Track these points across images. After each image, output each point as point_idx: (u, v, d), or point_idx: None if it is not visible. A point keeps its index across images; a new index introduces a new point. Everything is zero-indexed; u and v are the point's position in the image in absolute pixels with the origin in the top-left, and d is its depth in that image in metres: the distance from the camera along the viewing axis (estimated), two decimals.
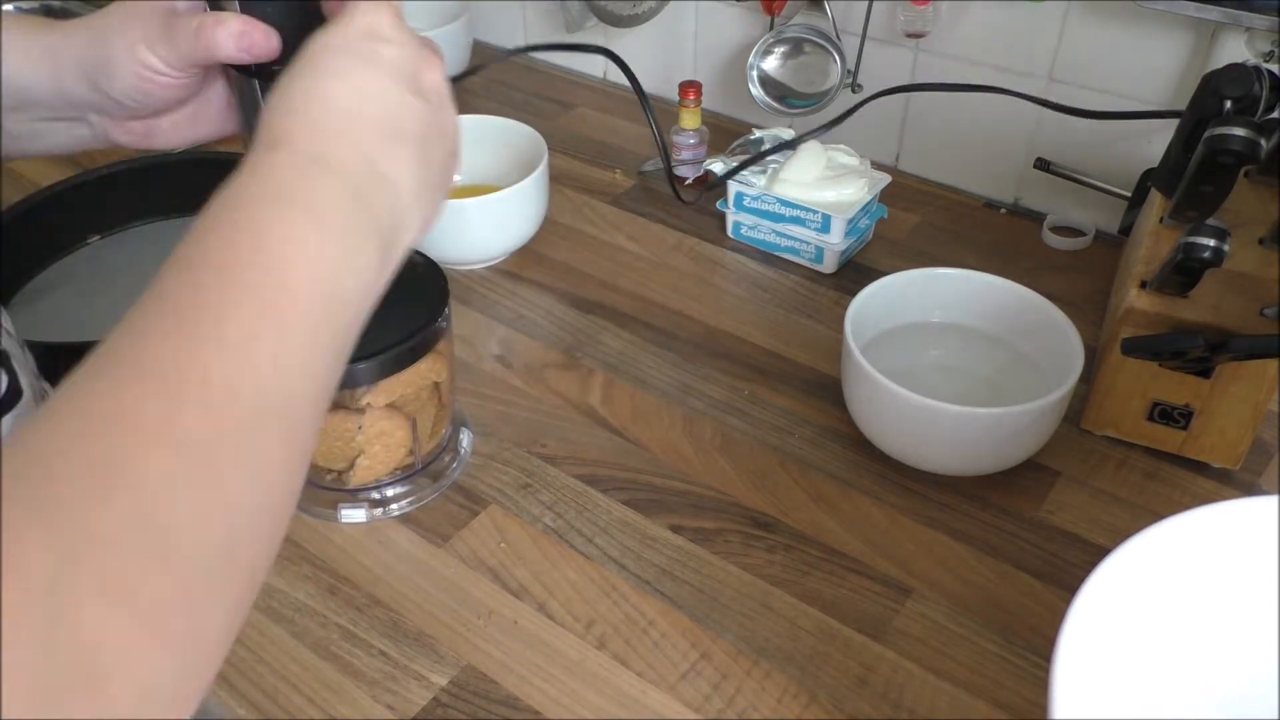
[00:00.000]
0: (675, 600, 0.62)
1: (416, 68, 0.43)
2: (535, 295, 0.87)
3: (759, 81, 0.98)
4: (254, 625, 0.61)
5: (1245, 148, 0.58)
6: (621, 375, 0.78)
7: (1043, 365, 0.71)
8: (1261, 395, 0.65)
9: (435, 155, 0.43)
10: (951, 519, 0.67)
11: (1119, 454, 0.71)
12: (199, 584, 0.30)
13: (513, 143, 0.92)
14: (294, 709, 0.57)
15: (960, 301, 0.74)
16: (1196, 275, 0.62)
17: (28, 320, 0.81)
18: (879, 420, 0.68)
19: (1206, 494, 0.68)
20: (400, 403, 0.64)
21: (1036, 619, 0.61)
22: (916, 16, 0.89)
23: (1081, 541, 0.65)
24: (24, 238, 0.84)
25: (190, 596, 0.29)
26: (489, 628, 0.61)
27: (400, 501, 0.68)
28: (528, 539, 0.66)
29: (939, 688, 0.57)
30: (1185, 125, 0.69)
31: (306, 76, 0.40)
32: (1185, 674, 0.46)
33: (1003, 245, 0.91)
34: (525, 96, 1.16)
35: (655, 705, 0.57)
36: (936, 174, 0.99)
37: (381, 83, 0.41)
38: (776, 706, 0.57)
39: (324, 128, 0.39)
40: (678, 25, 1.08)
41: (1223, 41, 0.78)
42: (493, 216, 0.87)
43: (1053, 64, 0.88)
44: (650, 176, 1.01)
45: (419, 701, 0.57)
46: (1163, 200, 0.72)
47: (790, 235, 0.88)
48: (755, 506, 0.68)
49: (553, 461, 0.71)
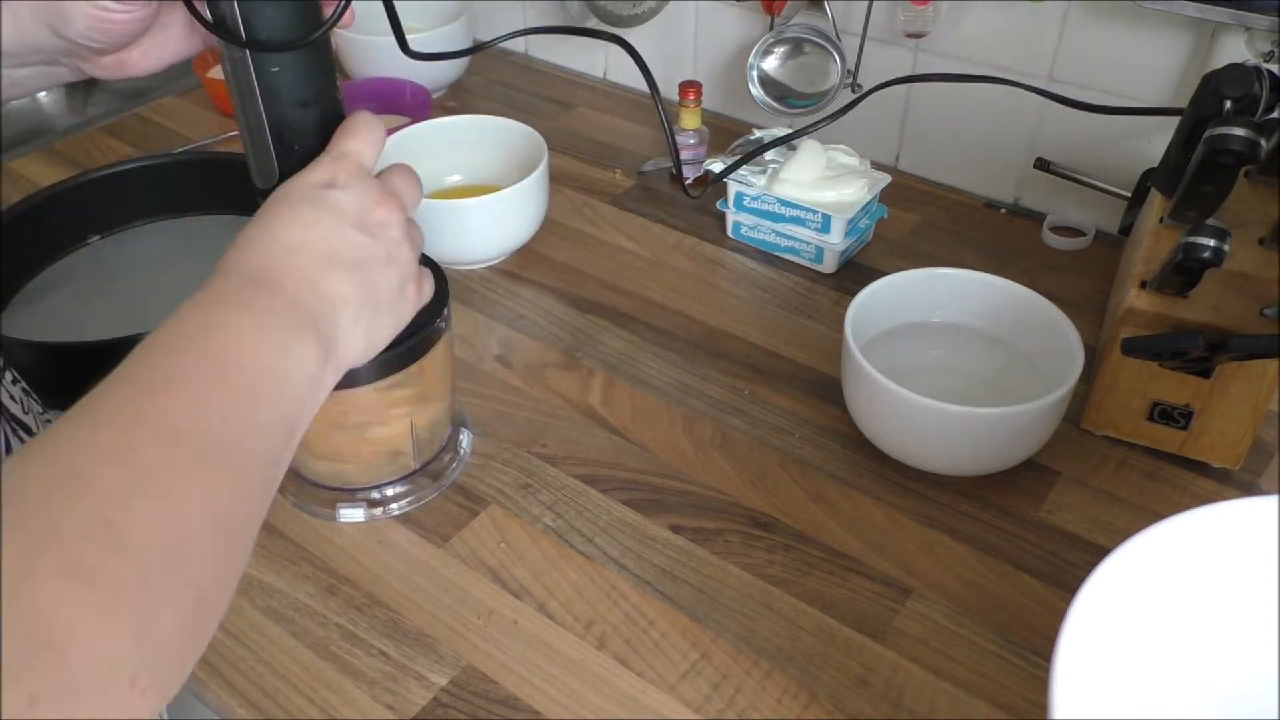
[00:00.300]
0: (675, 600, 0.62)
1: (364, 208, 0.49)
2: (535, 295, 0.87)
3: (759, 81, 0.98)
4: (254, 625, 0.61)
5: (1245, 148, 0.58)
6: (621, 375, 0.78)
7: (1043, 365, 0.71)
8: (1261, 395, 0.65)
9: (380, 280, 0.49)
10: (951, 519, 0.67)
11: (1119, 454, 0.71)
12: (153, 577, 0.33)
13: (513, 143, 0.92)
14: (294, 709, 0.57)
15: (960, 301, 0.74)
16: (1196, 275, 0.62)
17: (28, 320, 0.81)
18: (879, 420, 0.68)
19: (1206, 494, 0.68)
20: (399, 402, 0.64)
21: (1036, 619, 0.61)
22: (916, 16, 0.89)
23: (1081, 541, 0.65)
24: (24, 238, 0.84)
25: (145, 586, 0.33)
26: (489, 628, 0.61)
27: (399, 501, 0.68)
28: (528, 539, 0.66)
29: (939, 688, 0.57)
30: (1185, 125, 0.69)
31: (260, 222, 0.47)
32: (1185, 674, 0.46)
33: (1003, 245, 0.91)
34: (525, 96, 1.16)
35: (655, 705, 0.57)
36: (936, 174, 0.99)
37: (325, 220, 0.47)
38: (776, 706, 0.57)
39: (268, 256, 0.45)
40: (678, 25, 1.08)
41: (1223, 41, 0.78)
42: (493, 216, 0.86)
43: (1053, 64, 0.88)
44: (650, 176, 1.01)
45: (419, 701, 0.57)
46: (1163, 200, 0.72)
47: (790, 235, 0.88)
48: (755, 506, 0.68)
49: (553, 461, 0.71)
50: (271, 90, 0.52)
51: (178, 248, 0.89)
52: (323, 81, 0.54)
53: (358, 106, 1.21)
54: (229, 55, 0.51)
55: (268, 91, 0.52)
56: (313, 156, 0.54)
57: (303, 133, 0.54)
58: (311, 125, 0.54)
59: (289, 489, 0.69)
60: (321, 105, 0.54)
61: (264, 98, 0.52)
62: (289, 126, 0.53)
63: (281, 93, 0.52)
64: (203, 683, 0.59)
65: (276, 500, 0.69)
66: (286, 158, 0.54)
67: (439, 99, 1.15)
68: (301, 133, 0.54)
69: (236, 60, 0.51)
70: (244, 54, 0.51)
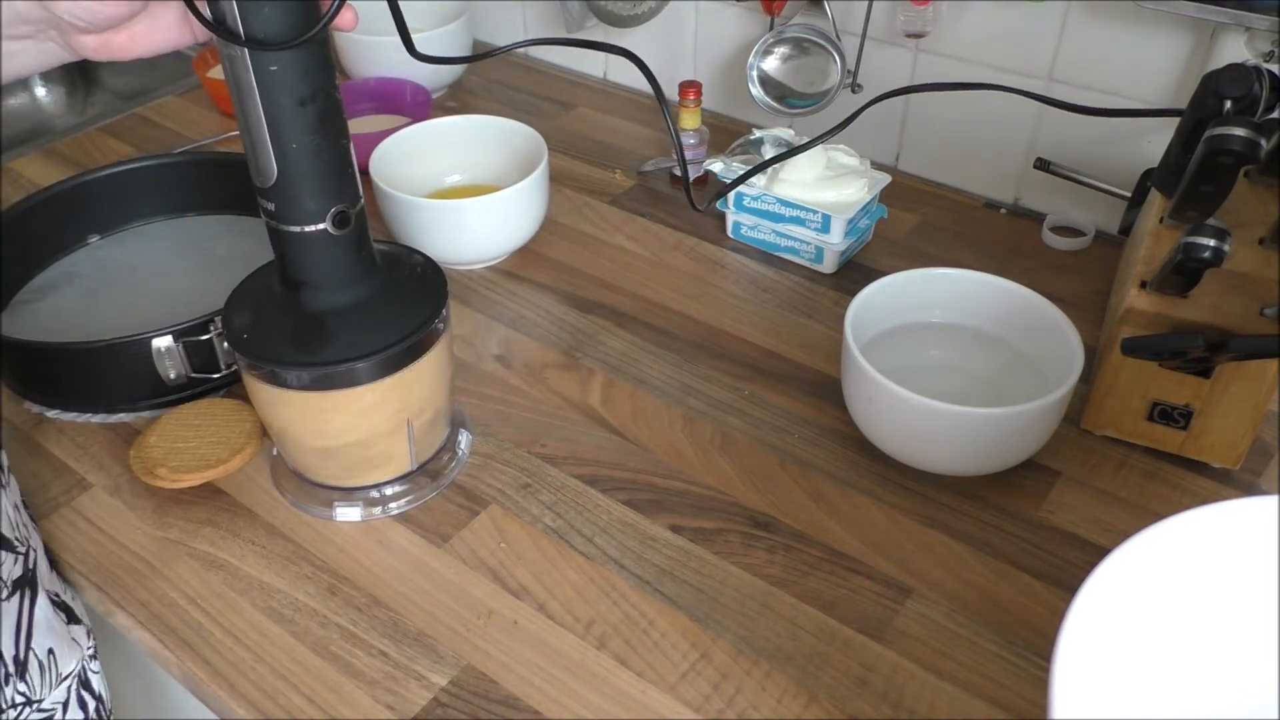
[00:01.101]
0: (675, 600, 0.62)
1: None
2: (535, 295, 0.87)
3: (759, 81, 0.98)
4: (254, 625, 0.61)
5: (1245, 148, 0.58)
6: (621, 375, 0.78)
7: (1043, 365, 0.71)
8: (1261, 395, 0.65)
9: None
10: (951, 519, 0.67)
11: (1119, 454, 0.71)
12: None
13: (513, 143, 0.92)
14: (294, 709, 0.57)
15: (960, 301, 0.74)
16: (1196, 275, 0.62)
17: (28, 320, 0.81)
18: (879, 420, 0.68)
19: (1206, 494, 0.68)
20: (396, 401, 0.64)
21: (1036, 619, 0.61)
22: (916, 16, 0.89)
23: (1081, 541, 0.65)
24: (24, 238, 0.84)
25: None
26: (489, 628, 0.61)
27: (397, 501, 0.68)
28: (528, 539, 0.66)
29: (939, 688, 0.57)
30: (1185, 125, 0.69)
31: None
32: (1185, 674, 0.46)
33: (1003, 245, 0.91)
34: (525, 96, 1.16)
35: (655, 705, 0.57)
36: (936, 174, 0.99)
37: None
38: (776, 706, 0.57)
39: None
40: (678, 25, 1.08)
41: (1223, 41, 0.78)
42: (493, 216, 0.86)
43: (1053, 64, 0.88)
44: (650, 176, 1.01)
45: (419, 701, 0.57)
46: (1163, 200, 0.72)
47: (790, 235, 0.88)
48: (755, 506, 0.68)
49: (553, 461, 0.71)
50: (269, 88, 0.52)
51: (178, 248, 0.89)
52: (321, 78, 0.54)
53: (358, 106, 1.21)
54: (227, 53, 0.51)
55: (265, 89, 0.52)
56: (312, 155, 0.54)
57: (301, 131, 0.54)
58: (310, 123, 0.54)
59: (287, 487, 0.69)
60: (320, 103, 0.54)
61: (262, 96, 0.52)
62: (287, 124, 0.53)
63: (279, 91, 0.52)
64: (203, 683, 0.59)
65: (275, 499, 0.69)
66: (284, 156, 0.54)
67: (439, 99, 1.15)
68: (300, 131, 0.54)
69: (236, 59, 0.51)
70: (243, 52, 0.51)
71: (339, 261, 0.60)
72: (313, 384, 0.60)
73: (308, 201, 0.57)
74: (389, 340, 0.61)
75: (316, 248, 0.59)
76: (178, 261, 0.88)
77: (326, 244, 0.59)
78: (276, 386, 0.61)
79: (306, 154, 0.55)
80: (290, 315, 0.61)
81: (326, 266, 0.60)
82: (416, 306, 0.64)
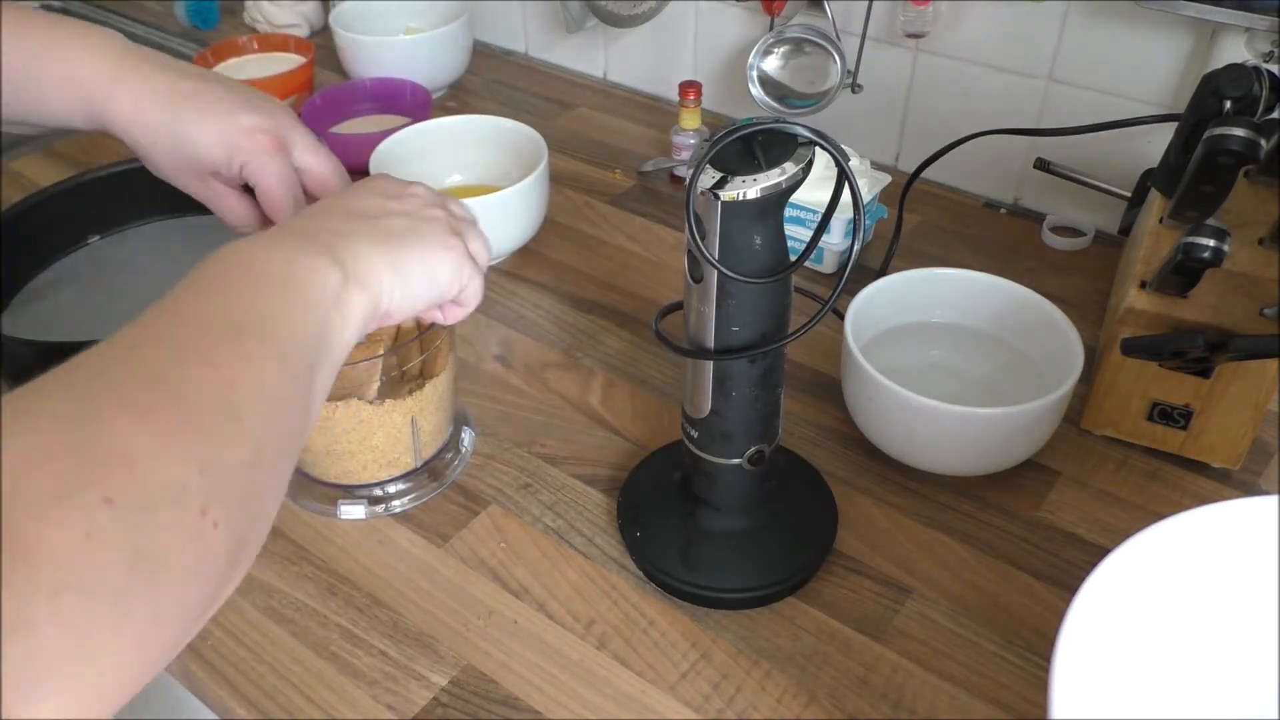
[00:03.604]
0: (675, 600, 0.62)
1: (401, 190, 0.55)
2: (535, 295, 0.87)
3: (759, 81, 0.98)
4: (254, 625, 0.61)
5: (1245, 148, 0.58)
6: (621, 375, 0.78)
7: (1042, 365, 0.71)
8: (1261, 395, 0.65)
9: (393, 225, 0.51)
10: (951, 519, 0.67)
11: (1119, 454, 0.71)
12: (205, 421, 0.36)
13: (513, 143, 0.92)
14: (294, 709, 0.57)
15: (960, 301, 0.74)
16: (1196, 275, 0.62)
17: (28, 320, 0.81)
18: (879, 420, 0.68)
19: (1206, 494, 0.68)
20: (401, 399, 0.64)
21: (1036, 619, 0.61)
22: (916, 16, 0.89)
23: (1081, 541, 0.65)
24: (24, 238, 0.84)
25: (199, 427, 0.35)
26: (489, 628, 0.61)
27: (401, 499, 0.68)
28: (528, 539, 0.66)
29: (939, 688, 0.57)
30: (1185, 126, 0.69)
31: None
32: (1185, 674, 0.46)
33: (1003, 245, 0.91)
34: (525, 96, 1.16)
35: (655, 705, 0.57)
36: (936, 174, 0.99)
37: (361, 192, 0.54)
38: (776, 706, 0.57)
39: (301, 222, 0.50)
40: (678, 25, 1.08)
41: (1223, 41, 0.78)
42: (493, 216, 0.86)
43: (1053, 64, 0.88)
44: (650, 176, 1.01)
45: (419, 701, 0.57)
46: (1163, 200, 0.72)
47: (790, 235, 0.88)
48: None
49: (553, 461, 0.71)
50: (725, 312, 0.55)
51: (178, 248, 0.89)
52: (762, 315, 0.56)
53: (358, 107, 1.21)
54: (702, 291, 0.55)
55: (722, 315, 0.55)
56: (748, 404, 0.58)
57: (744, 383, 0.57)
58: (754, 378, 0.57)
59: (289, 485, 0.69)
60: (769, 359, 0.57)
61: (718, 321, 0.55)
62: (734, 375, 0.57)
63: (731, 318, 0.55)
64: (203, 683, 0.59)
65: None
66: (722, 399, 0.58)
67: (439, 99, 1.15)
68: (743, 383, 0.57)
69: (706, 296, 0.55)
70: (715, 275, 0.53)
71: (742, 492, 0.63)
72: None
73: (731, 441, 0.59)
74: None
75: (728, 478, 0.61)
76: (178, 261, 0.87)
77: (738, 476, 0.61)
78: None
79: (744, 402, 0.58)
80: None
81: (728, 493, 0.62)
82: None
